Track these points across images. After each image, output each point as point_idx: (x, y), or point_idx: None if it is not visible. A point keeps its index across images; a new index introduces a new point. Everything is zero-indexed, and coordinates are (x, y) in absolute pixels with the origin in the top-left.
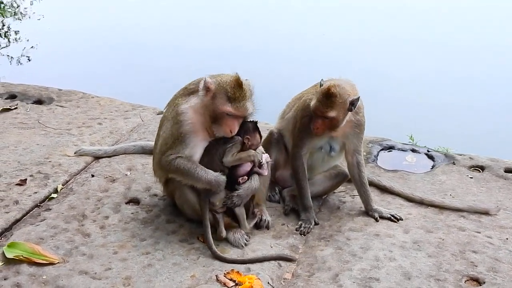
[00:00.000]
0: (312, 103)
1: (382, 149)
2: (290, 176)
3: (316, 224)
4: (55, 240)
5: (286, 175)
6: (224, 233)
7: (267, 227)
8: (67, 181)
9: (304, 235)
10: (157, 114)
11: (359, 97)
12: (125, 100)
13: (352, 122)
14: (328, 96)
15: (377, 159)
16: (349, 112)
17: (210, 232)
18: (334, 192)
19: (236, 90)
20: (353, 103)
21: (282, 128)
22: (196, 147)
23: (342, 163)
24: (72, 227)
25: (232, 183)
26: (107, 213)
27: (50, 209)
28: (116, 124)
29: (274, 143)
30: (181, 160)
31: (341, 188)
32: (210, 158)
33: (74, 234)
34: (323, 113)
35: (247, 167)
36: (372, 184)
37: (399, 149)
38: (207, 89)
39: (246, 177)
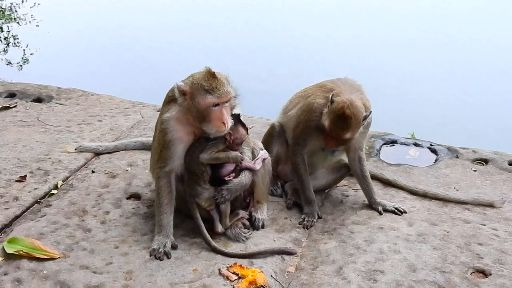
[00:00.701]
0: (326, 123)
1: (384, 143)
2: (292, 170)
3: (319, 217)
4: (56, 235)
5: (288, 169)
6: (219, 228)
7: (262, 227)
8: (67, 177)
9: (307, 228)
10: (157, 111)
11: (370, 112)
12: (125, 98)
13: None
14: (343, 119)
15: (379, 153)
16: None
17: (204, 227)
18: (337, 186)
19: (211, 81)
20: (366, 118)
21: (284, 123)
22: (182, 156)
23: (344, 157)
24: (72, 223)
25: (220, 181)
26: (107, 209)
27: (50, 205)
28: (116, 121)
29: (276, 136)
30: (163, 181)
31: (343, 182)
32: (190, 155)
33: (74, 229)
34: (339, 136)
35: (231, 166)
36: (375, 177)
37: (402, 143)
38: (183, 93)
39: (233, 174)
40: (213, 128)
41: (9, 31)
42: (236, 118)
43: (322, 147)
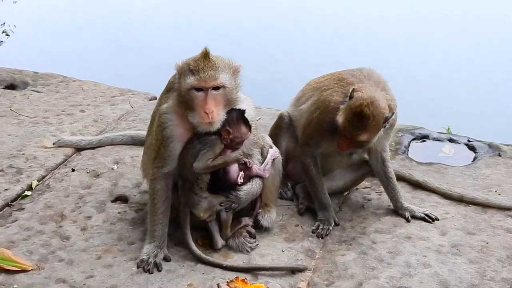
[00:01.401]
0: (341, 120)
1: (414, 139)
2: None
3: (336, 225)
4: (29, 243)
5: (299, 168)
6: (219, 243)
7: (266, 229)
8: (43, 177)
9: (322, 237)
10: (150, 100)
11: (393, 113)
12: (112, 84)
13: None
14: (360, 118)
15: (408, 150)
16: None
17: (190, 236)
18: (357, 188)
19: (200, 61)
20: (387, 120)
21: (294, 117)
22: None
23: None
24: (48, 229)
25: (225, 187)
26: (89, 213)
27: (23, 209)
28: (101, 112)
29: (285, 128)
30: (159, 185)
31: (365, 183)
32: (182, 159)
33: (50, 237)
34: (353, 137)
35: (236, 167)
36: (402, 179)
37: (434, 139)
38: (178, 73)
39: (242, 174)
40: (196, 117)
41: None
42: (239, 114)
43: (337, 151)
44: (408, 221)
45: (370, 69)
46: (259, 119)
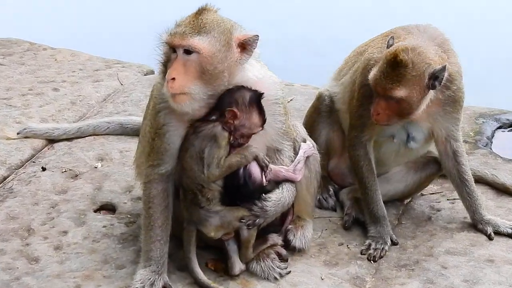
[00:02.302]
0: (372, 73)
1: (499, 127)
2: (350, 169)
3: (393, 244)
4: None
5: (345, 167)
6: (237, 269)
7: (299, 250)
8: (4, 178)
9: (375, 261)
10: (145, 75)
11: (445, 67)
12: (95, 54)
13: (440, 100)
14: (394, 66)
15: (491, 142)
16: (431, 90)
17: (195, 261)
18: (423, 194)
19: (187, 18)
20: (436, 77)
21: (335, 95)
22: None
23: (433, 148)
24: (11, 248)
25: (249, 195)
26: (65, 226)
27: None
28: (80, 90)
29: (324, 114)
30: (155, 189)
31: (432, 186)
32: (179, 164)
33: (14, 257)
34: (386, 92)
35: (257, 166)
36: (483, 181)
37: None
38: None
39: (267, 174)
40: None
41: None
42: (254, 96)
43: (391, 132)
44: (490, 238)
45: (430, 24)
46: (291, 100)
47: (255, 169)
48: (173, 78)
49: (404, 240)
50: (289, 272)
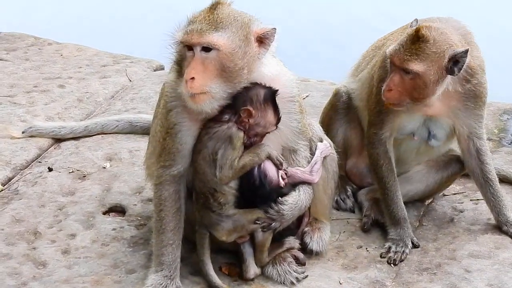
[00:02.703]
0: (391, 46)
1: None
2: (369, 168)
3: (414, 246)
4: None
5: (363, 166)
6: (251, 272)
7: (317, 253)
8: (9, 179)
9: (395, 264)
10: (154, 71)
11: (467, 51)
12: (103, 49)
13: (460, 93)
14: (414, 40)
15: None
16: (450, 76)
17: (209, 264)
18: (445, 194)
19: (202, 12)
20: (457, 60)
21: (353, 91)
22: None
23: (455, 146)
24: (17, 252)
25: (265, 196)
26: (73, 230)
27: None
28: (87, 87)
29: (342, 111)
30: (167, 191)
31: (455, 187)
32: (192, 166)
33: (20, 262)
34: (403, 63)
35: (272, 166)
36: (507, 181)
37: None
38: None
39: (284, 176)
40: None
41: None
42: (269, 93)
43: (411, 129)
44: None
45: (452, 17)
46: (307, 96)
47: (270, 168)
48: (193, 78)
49: (425, 243)
50: (306, 276)
